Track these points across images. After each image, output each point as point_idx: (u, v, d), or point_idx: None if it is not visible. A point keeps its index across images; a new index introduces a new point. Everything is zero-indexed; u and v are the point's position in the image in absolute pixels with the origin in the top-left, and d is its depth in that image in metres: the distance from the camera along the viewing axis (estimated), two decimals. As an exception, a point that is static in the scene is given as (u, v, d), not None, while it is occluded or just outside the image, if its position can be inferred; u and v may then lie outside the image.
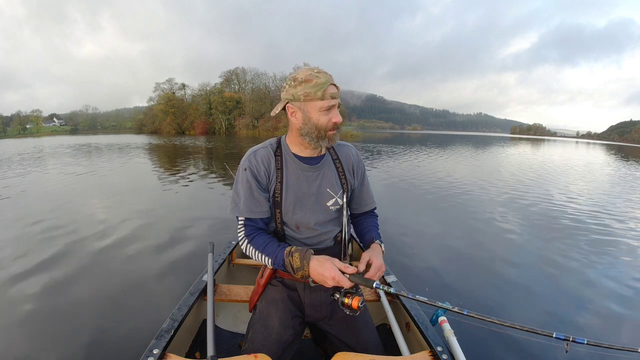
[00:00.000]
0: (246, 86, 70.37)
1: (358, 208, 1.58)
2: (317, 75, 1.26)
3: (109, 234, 4.86)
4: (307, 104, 1.28)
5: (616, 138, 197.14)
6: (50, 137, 65.48)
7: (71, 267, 3.73)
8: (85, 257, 4.02)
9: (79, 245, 4.41)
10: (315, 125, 1.30)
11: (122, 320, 2.74)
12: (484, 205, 7.32)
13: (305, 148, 1.40)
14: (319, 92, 1.25)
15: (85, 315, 2.80)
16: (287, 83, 1.32)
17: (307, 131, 1.32)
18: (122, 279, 3.48)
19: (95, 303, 3.01)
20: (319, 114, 1.28)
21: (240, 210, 1.36)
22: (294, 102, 1.30)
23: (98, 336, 2.52)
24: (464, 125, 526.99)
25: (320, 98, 1.26)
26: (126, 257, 4.04)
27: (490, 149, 30.97)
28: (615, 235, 5.41)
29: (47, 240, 4.57)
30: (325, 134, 1.31)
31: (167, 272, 3.66)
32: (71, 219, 5.60)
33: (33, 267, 3.74)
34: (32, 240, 4.61)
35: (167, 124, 66.49)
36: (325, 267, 1.21)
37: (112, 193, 7.94)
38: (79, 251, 4.19)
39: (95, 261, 3.91)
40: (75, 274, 3.57)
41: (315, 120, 1.29)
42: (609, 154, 32.50)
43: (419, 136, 77.86)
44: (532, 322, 2.50)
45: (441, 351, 1.38)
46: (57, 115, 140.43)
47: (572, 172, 14.64)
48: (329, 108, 1.28)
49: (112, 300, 3.08)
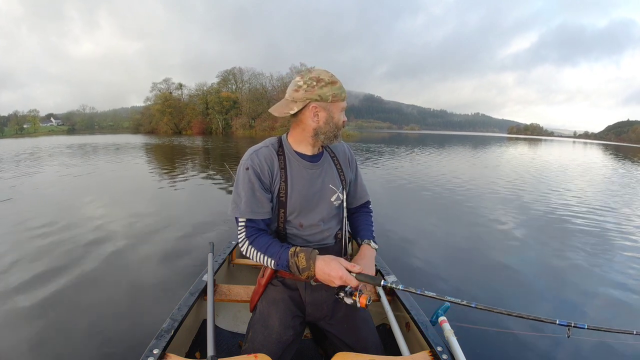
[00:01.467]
0: (243, 86, 70.27)
1: (354, 202, 1.61)
2: (332, 77, 1.32)
3: (109, 234, 4.85)
4: (333, 105, 1.33)
5: (613, 138, 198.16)
6: (47, 137, 65.12)
7: (71, 268, 3.72)
8: (85, 257, 4.01)
9: (78, 246, 4.39)
10: (336, 124, 1.36)
11: (122, 320, 2.74)
12: (483, 203, 7.34)
13: (312, 147, 1.42)
14: (343, 94, 1.34)
15: (85, 316, 2.80)
16: (306, 83, 1.29)
17: (326, 130, 1.35)
18: (122, 279, 3.48)
19: (95, 303, 3.01)
20: (340, 114, 1.36)
21: (241, 211, 1.34)
22: (320, 102, 1.31)
23: (98, 336, 2.52)
24: (461, 125, 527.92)
25: (342, 99, 1.34)
26: (126, 258, 4.04)
27: (487, 149, 31.08)
28: (614, 233, 5.45)
29: (47, 241, 4.56)
30: (339, 132, 1.38)
31: (167, 272, 3.66)
32: (71, 220, 5.58)
33: (33, 267, 3.73)
34: (32, 240, 4.61)
35: (164, 124, 66.27)
36: (332, 266, 1.21)
37: (111, 194, 7.93)
38: (79, 252, 4.18)
39: (95, 262, 3.90)
40: (75, 275, 3.56)
41: (337, 120, 1.36)
42: (606, 154, 32.61)
43: (417, 136, 77.96)
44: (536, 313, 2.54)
45: (441, 351, 1.38)
46: (54, 115, 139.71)
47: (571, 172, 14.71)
48: (344, 109, 1.37)
49: (112, 300, 3.08)
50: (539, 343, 2.55)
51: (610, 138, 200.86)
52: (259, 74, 70.09)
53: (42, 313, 2.85)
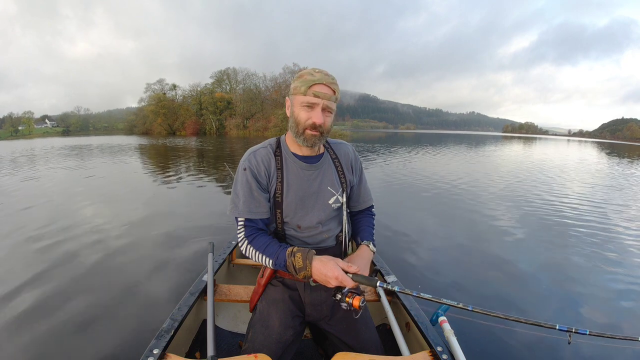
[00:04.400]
0: (237, 86, 70.08)
1: (356, 206, 1.60)
2: (313, 73, 1.29)
3: (109, 235, 4.82)
4: (294, 98, 1.33)
5: (608, 136, 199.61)
6: (42, 138, 64.91)
7: (71, 268, 3.70)
8: (85, 257, 4.00)
9: (78, 246, 4.38)
10: (295, 119, 1.33)
11: (123, 321, 2.73)
12: (481, 202, 7.36)
13: (303, 147, 1.41)
14: (303, 87, 1.28)
15: (85, 316, 2.79)
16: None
17: (290, 124, 1.36)
18: (123, 279, 3.47)
19: (96, 303, 3.00)
20: (300, 108, 1.31)
21: (239, 211, 1.35)
22: (289, 95, 1.36)
23: (98, 336, 2.52)
24: (457, 124, 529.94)
25: (302, 93, 1.29)
26: (126, 258, 4.03)
27: (481, 148, 31.18)
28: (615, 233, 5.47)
29: (47, 241, 4.55)
30: (303, 130, 1.33)
31: (167, 272, 3.65)
32: (70, 220, 5.55)
33: (33, 267, 3.72)
34: (32, 240, 4.59)
35: (158, 125, 66.12)
36: (328, 267, 1.21)
37: (110, 194, 7.87)
38: (79, 252, 4.17)
39: (95, 262, 3.89)
40: (74, 275, 3.55)
41: (296, 114, 1.33)
42: (601, 153, 32.80)
43: (413, 135, 78.13)
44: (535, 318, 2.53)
45: (441, 351, 1.38)
46: (49, 116, 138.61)
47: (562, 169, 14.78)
48: (310, 105, 1.30)
49: (113, 300, 3.07)
50: (540, 344, 2.53)
51: (605, 136, 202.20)
52: (253, 74, 70.12)
53: (42, 313, 2.83)
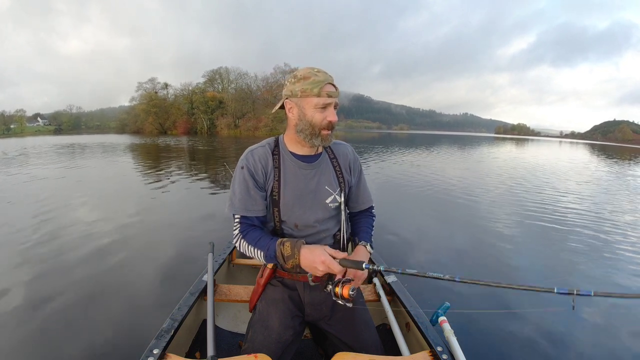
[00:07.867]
0: (229, 86, 69.80)
1: (355, 207, 1.60)
2: (316, 73, 1.30)
3: (109, 235, 4.80)
4: (303, 100, 1.31)
5: (599, 138, 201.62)
6: (34, 137, 64.19)
7: (70, 269, 3.69)
8: (85, 257, 3.99)
9: (78, 246, 4.36)
10: (309, 122, 1.32)
11: (122, 320, 2.73)
12: (480, 201, 7.45)
13: (302, 146, 1.42)
14: (315, 89, 1.28)
15: (85, 316, 2.79)
16: (288, 81, 1.36)
17: (301, 128, 1.35)
18: (122, 280, 3.47)
19: (96, 304, 2.99)
20: (314, 110, 1.31)
21: (235, 208, 1.38)
22: (292, 98, 1.34)
23: (98, 336, 2.51)
24: (450, 125, 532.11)
25: (316, 95, 1.29)
26: (126, 258, 4.02)
27: (471, 149, 31.45)
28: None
29: (47, 241, 4.53)
30: (319, 132, 1.34)
31: (167, 272, 3.64)
32: (70, 221, 5.52)
33: (33, 267, 3.71)
34: (32, 240, 4.56)
35: (149, 124, 65.68)
36: (316, 253, 1.23)
37: (108, 195, 7.83)
38: (79, 252, 4.15)
39: (95, 262, 3.88)
40: (74, 275, 3.54)
41: (309, 116, 1.32)
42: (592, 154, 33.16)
43: (406, 136, 78.40)
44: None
45: (441, 351, 1.38)
46: (41, 115, 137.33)
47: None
48: (324, 106, 1.31)
49: (113, 300, 3.07)
50: (541, 338, 2.54)
51: (597, 138, 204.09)
52: (244, 73, 69.65)
53: (41, 314, 2.82)
